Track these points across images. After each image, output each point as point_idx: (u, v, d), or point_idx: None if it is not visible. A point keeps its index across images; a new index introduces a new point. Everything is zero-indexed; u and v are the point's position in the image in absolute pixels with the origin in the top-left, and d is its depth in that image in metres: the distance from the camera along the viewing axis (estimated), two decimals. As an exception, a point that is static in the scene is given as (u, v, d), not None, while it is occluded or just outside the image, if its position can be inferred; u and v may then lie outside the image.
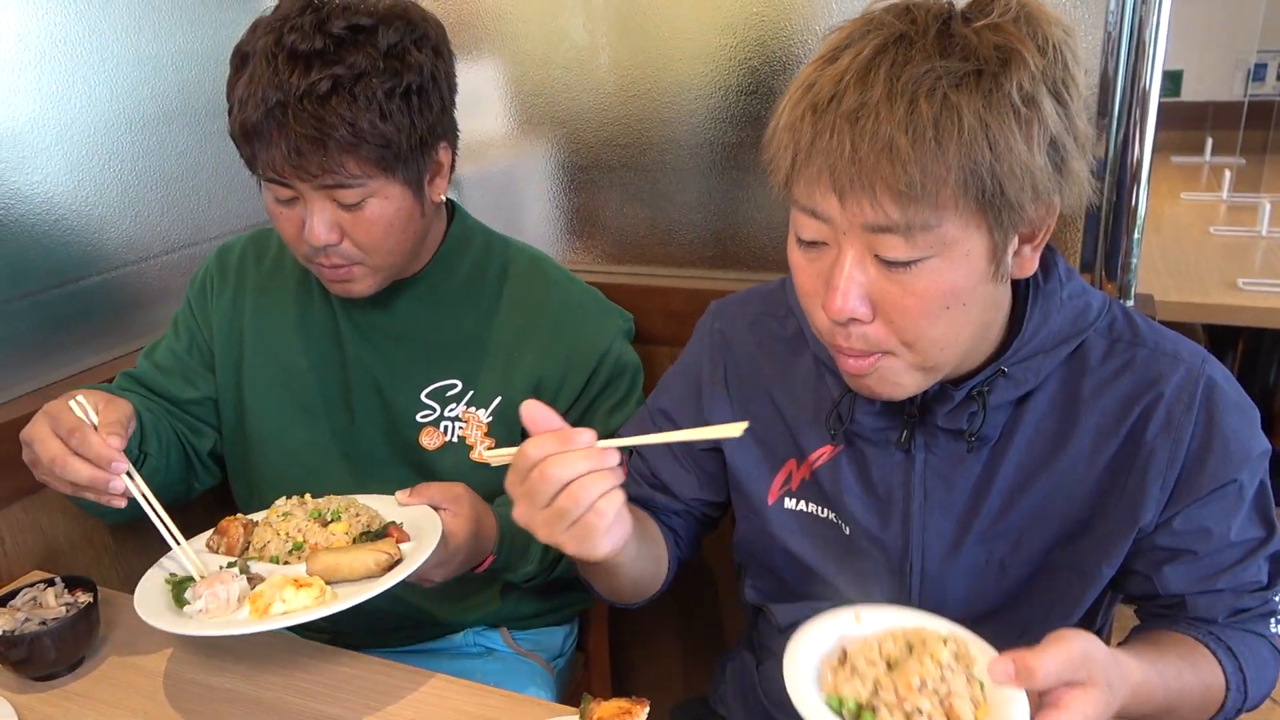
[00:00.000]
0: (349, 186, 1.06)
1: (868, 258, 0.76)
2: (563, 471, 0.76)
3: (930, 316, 0.77)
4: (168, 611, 0.98)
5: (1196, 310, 2.22)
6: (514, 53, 1.65)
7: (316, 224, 1.07)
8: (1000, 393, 0.87)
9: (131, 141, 1.43)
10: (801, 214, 0.79)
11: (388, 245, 1.12)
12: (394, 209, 1.10)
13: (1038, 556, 0.91)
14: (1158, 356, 0.87)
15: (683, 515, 1.12)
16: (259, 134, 1.02)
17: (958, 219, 0.73)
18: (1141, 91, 1.26)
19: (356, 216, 1.08)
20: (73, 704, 1.01)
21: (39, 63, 1.31)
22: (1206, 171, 3.50)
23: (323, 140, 1.01)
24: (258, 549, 1.09)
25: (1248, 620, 0.91)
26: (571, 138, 1.65)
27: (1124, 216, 1.32)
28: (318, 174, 1.03)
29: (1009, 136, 0.70)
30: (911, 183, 0.70)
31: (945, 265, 0.75)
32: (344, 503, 1.11)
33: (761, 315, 1.04)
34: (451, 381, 1.23)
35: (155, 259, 1.49)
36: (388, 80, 1.03)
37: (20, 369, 1.32)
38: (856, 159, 0.70)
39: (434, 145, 1.12)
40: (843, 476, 0.96)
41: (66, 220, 1.36)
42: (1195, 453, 0.85)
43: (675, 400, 1.09)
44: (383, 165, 1.06)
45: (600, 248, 1.69)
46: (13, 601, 1.06)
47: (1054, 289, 0.87)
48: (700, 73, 1.51)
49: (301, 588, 0.96)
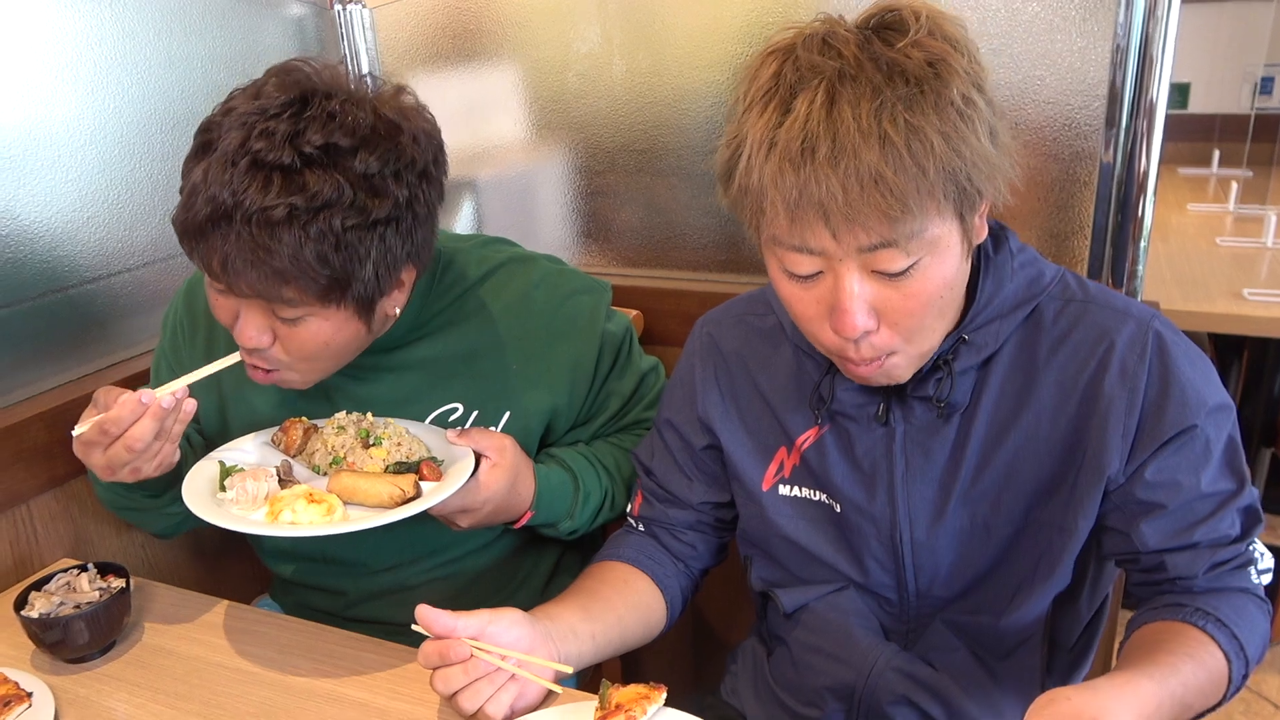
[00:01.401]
0: (284, 304, 0.97)
1: (865, 276, 0.81)
2: (445, 689, 0.90)
3: (930, 311, 0.84)
4: (204, 491, 1.06)
5: (1202, 320, 2.24)
6: (532, 60, 1.68)
7: (247, 327, 1.00)
8: (964, 359, 0.92)
9: (161, 142, 1.47)
10: (789, 252, 0.82)
11: (321, 362, 1.05)
12: (332, 329, 1.01)
13: (1018, 516, 0.95)
14: (1107, 312, 0.92)
15: (696, 527, 1.15)
16: (199, 235, 0.93)
17: (939, 219, 0.79)
18: (1148, 103, 1.29)
19: (292, 330, 1.00)
20: (105, 685, 1.04)
21: (74, 64, 1.35)
22: (1214, 183, 3.53)
23: (261, 265, 0.92)
24: (308, 455, 1.15)
25: (1225, 573, 0.92)
26: (586, 143, 1.68)
27: (1130, 226, 1.34)
28: (249, 293, 0.96)
29: (966, 138, 0.77)
30: (904, 206, 0.75)
31: (935, 262, 0.81)
32: (391, 429, 1.14)
33: (744, 314, 1.11)
34: (453, 406, 1.19)
35: (179, 257, 1.52)
36: (352, 216, 0.93)
37: (56, 362, 1.36)
38: (849, 200, 0.75)
39: (396, 271, 1.02)
40: (829, 455, 1.00)
41: (98, 218, 1.40)
42: (1153, 400, 0.89)
43: (676, 408, 1.13)
44: (325, 297, 0.97)
45: (615, 250, 1.72)
46: (47, 586, 1.10)
47: (1004, 259, 0.93)
48: (714, 80, 1.55)
49: (314, 503, 1.02)
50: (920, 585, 1.00)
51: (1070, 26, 1.30)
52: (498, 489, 1.08)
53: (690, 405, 1.11)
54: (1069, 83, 1.32)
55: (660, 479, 1.14)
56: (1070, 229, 1.38)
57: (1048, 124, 1.34)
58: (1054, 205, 1.37)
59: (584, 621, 1.00)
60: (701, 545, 1.16)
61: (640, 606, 1.09)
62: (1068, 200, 1.37)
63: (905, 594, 1.02)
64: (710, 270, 1.64)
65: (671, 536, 1.15)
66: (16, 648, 1.10)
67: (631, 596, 1.08)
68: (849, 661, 1.04)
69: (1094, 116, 1.31)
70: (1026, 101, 1.34)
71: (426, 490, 1.06)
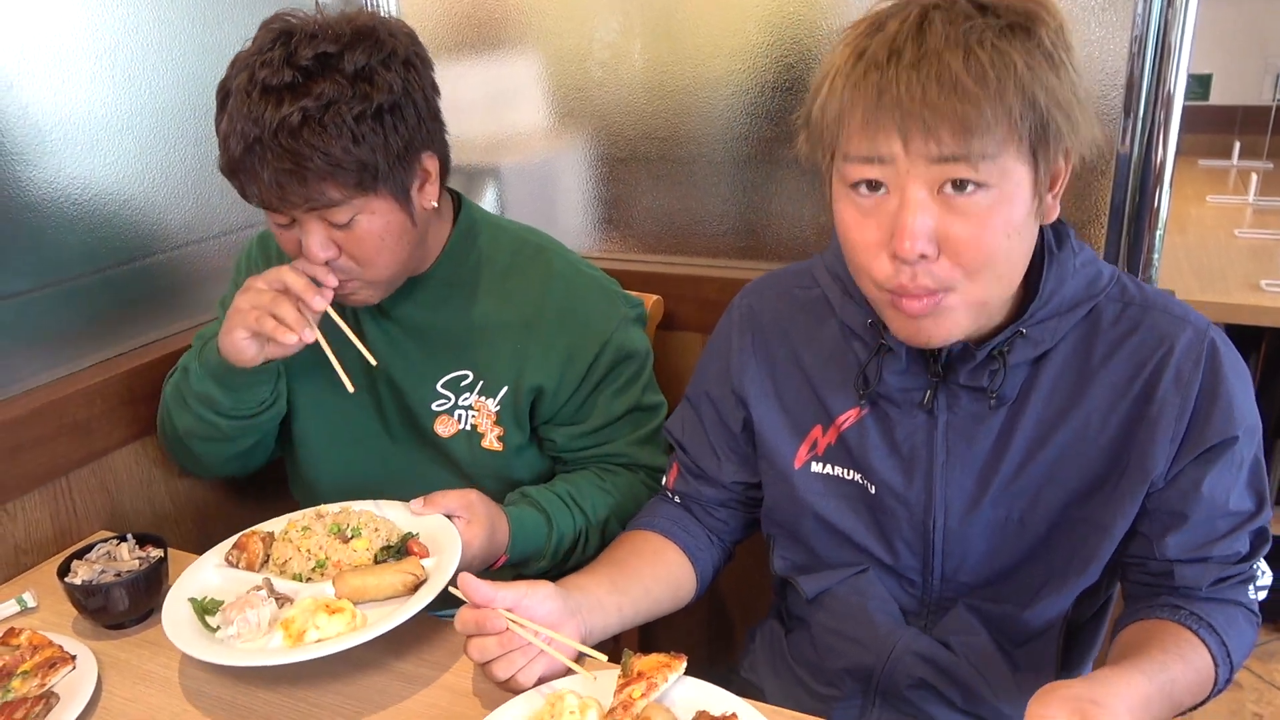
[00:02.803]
0: (336, 206, 1.09)
1: (931, 197, 0.82)
2: (479, 657, 0.93)
3: (993, 245, 0.83)
4: (200, 637, 1.00)
5: (1220, 310, 2.24)
6: (554, 49, 1.70)
7: (312, 244, 1.11)
8: (1019, 352, 0.93)
9: (195, 127, 1.50)
10: (858, 164, 0.83)
11: (382, 259, 1.15)
12: (383, 223, 1.12)
13: (1055, 512, 0.96)
14: (1167, 318, 0.93)
15: (728, 504, 1.17)
16: (243, 169, 1.06)
17: (1013, 152, 0.80)
18: (1166, 94, 1.30)
19: (349, 234, 1.11)
20: (144, 650, 1.08)
21: (112, 51, 1.38)
22: (1234, 175, 3.51)
23: (299, 172, 1.04)
24: (279, 565, 1.11)
25: (1226, 589, 0.95)
26: (608, 131, 1.70)
27: (1146, 215, 1.36)
28: (300, 203, 1.07)
29: (1049, 78, 0.79)
30: (980, 116, 0.77)
31: (1002, 196, 0.82)
32: (362, 518, 1.14)
33: (788, 287, 1.11)
34: (464, 372, 1.28)
35: (214, 239, 1.57)
36: (356, 105, 1.05)
37: (91, 341, 1.40)
38: (927, 101, 0.77)
39: (415, 157, 1.14)
40: (869, 437, 1.01)
41: (134, 201, 1.44)
42: (1201, 407, 0.91)
43: (711, 381, 1.14)
44: (363, 186, 1.08)
45: (635, 237, 1.75)
46: (88, 555, 1.14)
47: (1067, 256, 0.94)
48: (735, 69, 1.56)
49: (334, 613, 0.99)
50: (947, 571, 1.02)
51: (1089, 16, 1.31)
52: (480, 543, 1.12)
53: (725, 378, 1.12)
54: (1087, 72, 1.32)
55: (693, 455, 1.16)
56: (1087, 217, 1.39)
57: (1065, 113, 1.35)
58: (1071, 193, 1.38)
59: (611, 594, 1.03)
60: (734, 521, 1.18)
61: (669, 578, 1.11)
62: (1085, 189, 1.38)
63: (930, 578, 1.03)
64: (730, 256, 1.67)
65: (704, 511, 1.17)
66: (59, 614, 1.15)
67: (660, 568, 1.11)
68: (868, 644, 1.06)
69: (1112, 106, 1.33)
70: (1045, 91, 1.35)
71: (429, 567, 1.07)
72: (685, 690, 0.91)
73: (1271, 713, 2.25)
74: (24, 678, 1.00)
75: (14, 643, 1.04)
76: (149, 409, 1.40)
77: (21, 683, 0.99)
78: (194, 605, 1.05)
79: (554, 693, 0.91)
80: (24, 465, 1.22)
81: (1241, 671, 2.35)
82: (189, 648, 0.97)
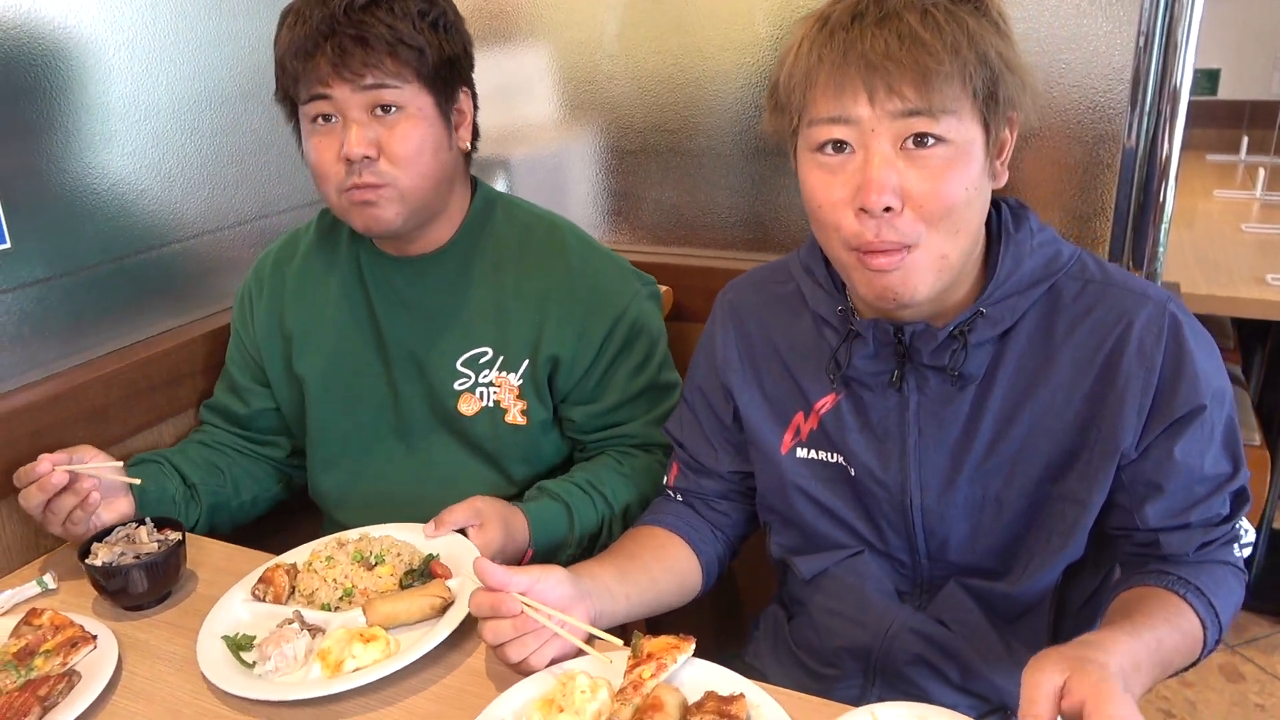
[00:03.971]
0: (387, 87, 1.15)
1: (894, 152, 0.87)
2: (494, 639, 0.95)
3: (953, 196, 0.88)
4: (240, 675, 1.00)
5: (1225, 304, 2.24)
6: (565, 40, 1.72)
7: (355, 134, 1.15)
8: (980, 331, 0.96)
9: (211, 119, 1.52)
10: (823, 125, 0.89)
11: (416, 167, 1.18)
12: (425, 129, 1.18)
13: (1030, 489, 0.99)
14: (1126, 294, 0.96)
15: (728, 495, 1.20)
16: (306, 50, 1.13)
17: (967, 108, 0.87)
18: (1172, 89, 1.31)
19: (391, 130, 1.16)
20: (163, 631, 1.10)
21: (130, 44, 1.40)
22: (1241, 170, 3.51)
23: (365, 39, 1.12)
24: (306, 595, 1.11)
25: (1212, 551, 0.98)
26: (618, 123, 1.72)
27: (1151, 210, 1.37)
28: (361, 72, 1.13)
29: (999, 44, 0.88)
30: (939, 66, 0.84)
31: (959, 152, 0.88)
32: (384, 543, 1.15)
33: (765, 282, 1.15)
34: (483, 349, 1.30)
35: (228, 229, 1.59)
36: (420, 3, 1.17)
37: (110, 328, 1.42)
38: (889, 55, 0.84)
39: (457, 83, 1.23)
40: (845, 421, 1.04)
41: (151, 191, 1.46)
42: (1167, 379, 0.93)
43: (701, 376, 1.18)
44: (417, 72, 1.16)
45: (644, 228, 1.76)
46: (108, 538, 1.16)
47: (1024, 237, 0.98)
48: (744, 62, 1.58)
49: (368, 642, 1.00)
50: (932, 550, 1.04)
51: (1096, 10, 1.32)
52: (498, 545, 1.15)
53: (713, 372, 1.15)
54: (1094, 66, 1.34)
55: (690, 450, 1.19)
56: (1092, 211, 1.41)
57: (1072, 107, 1.36)
58: (1076, 187, 1.40)
59: (619, 583, 1.05)
60: (735, 514, 1.20)
61: (675, 571, 1.13)
62: (1090, 182, 1.39)
63: (918, 558, 1.06)
64: (738, 249, 1.68)
65: (706, 506, 1.20)
66: (79, 596, 1.17)
67: (667, 561, 1.13)
68: (865, 624, 1.08)
69: (1118, 100, 1.34)
70: (1051, 84, 1.36)
71: (454, 588, 1.09)
72: (694, 671, 0.93)
73: (1274, 704, 2.26)
74: (46, 657, 1.02)
75: (36, 623, 1.07)
76: (165, 396, 1.42)
77: (44, 661, 1.02)
78: (227, 642, 1.04)
79: (565, 673, 0.93)
80: (43, 449, 1.23)
81: (1244, 664, 2.37)
82: (231, 686, 0.97)
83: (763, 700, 0.90)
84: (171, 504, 1.28)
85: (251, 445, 1.43)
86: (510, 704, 0.92)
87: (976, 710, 1.05)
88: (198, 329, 1.49)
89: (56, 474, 1.12)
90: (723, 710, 0.86)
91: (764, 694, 0.90)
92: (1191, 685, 2.32)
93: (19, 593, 1.17)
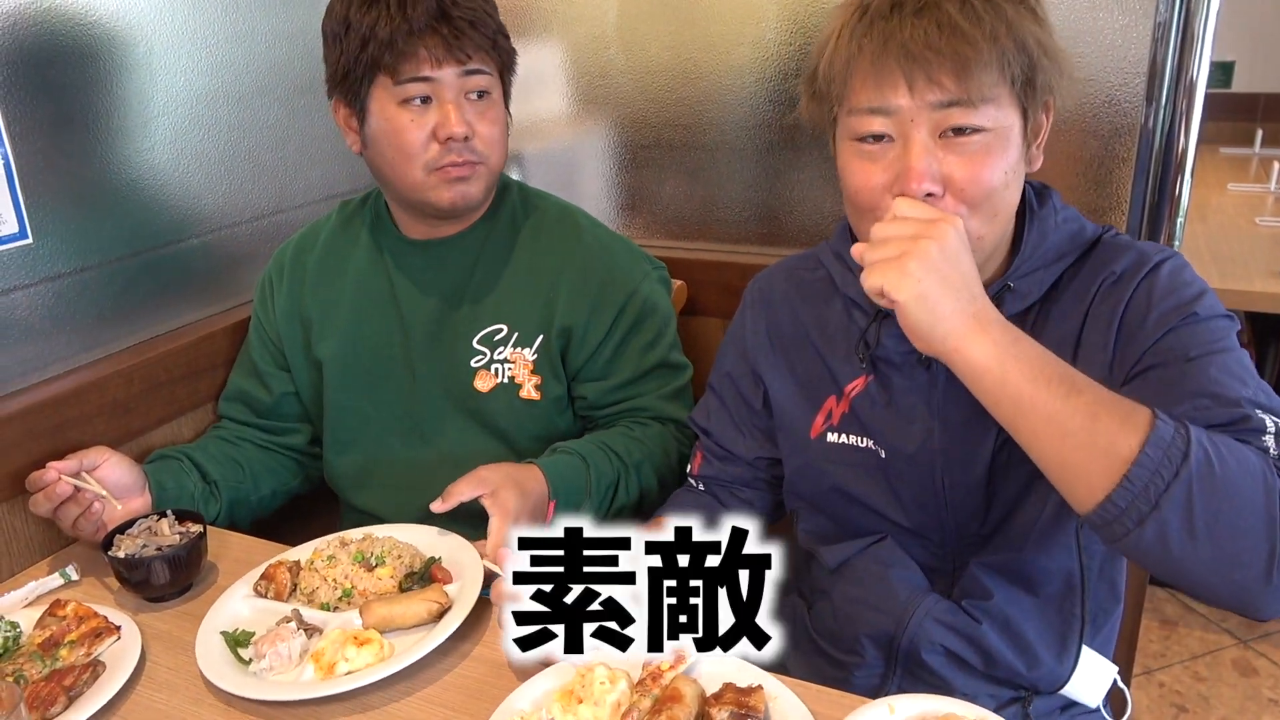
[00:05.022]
0: (484, 73, 1.23)
1: (934, 141, 0.88)
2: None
3: (992, 181, 0.89)
4: (234, 671, 1.01)
5: (1240, 298, 2.24)
6: (576, 36, 1.72)
7: (455, 115, 1.21)
8: (1008, 305, 0.97)
9: (227, 114, 1.53)
10: (863, 116, 0.90)
11: (502, 148, 1.29)
12: (501, 111, 1.28)
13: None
14: (1131, 253, 0.97)
15: (752, 484, 1.21)
16: (412, 34, 1.17)
17: (1005, 95, 0.88)
18: (1188, 81, 1.30)
19: (482, 113, 1.24)
20: (184, 622, 1.11)
21: (147, 40, 1.41)
22: (1256, 163, 3.49)
23: (476, 24, 1.20)
24: (306, 594, 1.12)
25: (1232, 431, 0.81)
26: (630, 118, 1.72)
27: (1167, 203, 1.37)
28: (471, 54, 1.20)
29: (1036, 30, 0.88)
30: (978, 55, 0.85)
31: (997, 139, 0.89)
32: (386, 544, 1.15)
33: (794, 269, 1.16)
34: (498, 326, 1.33)
35: (245, 224, 1.60)
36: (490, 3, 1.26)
37: (128, 321, 1.43)
38: (929, 44, 0.85)
39: (511, 75, 1.31)
40: (875, 403, 1.05)
41: (169, 186, 1.47)
42: (1138, 303, 0.92)
43: (731, 362, 1.18)
44: (499, 64, 1.26)
45: (657, 223, 1.77)
46: (130, 530, 1.17)
47: (1048, 214, 1.00)
48: (757, 56, 1.58)
49: (362, 645, 1.00)
50: (959, 523, 1.04)
51: (1112, 3, 1.32)
52: (516, 503, 1.12)
53: (743, 358, 1.16)
54: (1110, 59, 1.34)
55: (717, 437, 1.20)
56: (1108, 205, 1.40)
57: (1088, 100, 1.36)
58: (1092, 181, 1.40)
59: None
60: (759, 502, 1.21)
61: None
62: (1106, 176, 1.39)
63: (945, 534, 1.06)
64: (752, 243, 1.69)
65: (730, 494, 1.20)
66: (101, 588, 1.19)
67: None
68: (889, 611, 1.08)
69: (1134, 94, 1.34)
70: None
71: (452, 593, 1.08)
72: (712, 664, 0.94)
73: (1287, 699, 2.26)
74: (71, 647, 1.04)
75: (61, 614, 1.08)
76: (185, 389, 1.43)
77: (69, 652, 1.03)
78: (225, 638, 1.05)
79: (585, 664, 0.93)
80: (66, 442, 1.25)
81: (1258, 658, 2.36)
82: (224, 683, 0.98)
83: (780, 692, 0.90)
84: (191, 502, 1.29)
85: (272, 437, 1.44)
86: (529, 695, 0.93)
87: (996, 699, 1.06)
88: (217, 323, 1.51)
89: (61, 485, 1.15)
90: (741, 701, 0.87)
91: (782, 685, 0.90)
92: (1204, 680, 2.32)
93: (43, 584, 1.18)
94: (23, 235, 1.27)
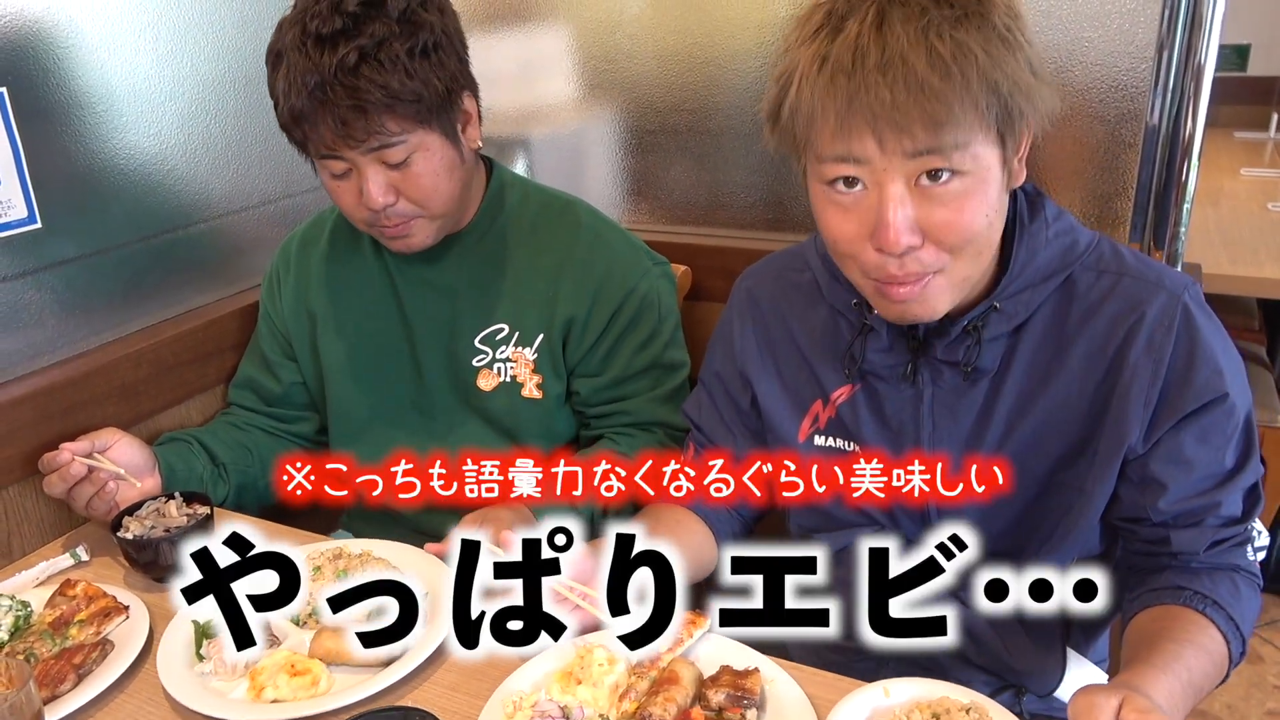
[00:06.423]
0: (393, 145, 1.15)
1: (909, 190, 0.84)
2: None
3: (974, 226, 0.86)
4: (179, 665, 1.00)
5: (1251, 285, 2.22)
6: (584, 20, 1.71)
7: (372, 189, 1.16)
8: (994, 326, 0.95)
9: (234, 99, 1.54)
10: (835, 163, 0.85)
11: (439, 195, 1.21)
12: (437, 160, 1.19)
13: (1041, 478, 0.99)
14: (1141, 283, 0.94)
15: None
16: (305, 117, 1.12)
17: (981, 138, 0.83)
18: (1197, 65, 1.29)
19: (406, 174, 1.17)
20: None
21: (154, 25, 1.42)
22: (1270, 148, 3.45)
23: (362, 107, 1.10)
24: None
25: (1224, 551, 0.95)
26: (637, 103, 1.71)
27: (1174, 189, 1.35)
28: (364, 139, 1.13)
29: (1009, 62, 0.81)
30: (949, 111, 0.79)
31: (976, 181, 0.84)
32: (370, 570, 1.08)
33: (783, 270, 1.14)
34: (500, 326, 1.33)
35: (253, 209, 1.61)
36: (405, 41, 1.12)
37: (137, 305, 1.45)
38: (897, 104, 0.79)
39: (459, 96, 1.21)
40: (860, 412, 1.04)
41: (177, 171, 1.48)
42: (1178, 372, 0.92)
43: (719, 362, 1.18)
44: (419, 119, 1.15)
45: (663, 208, 1.77)
46: (139, 512, 1.19)
47: (1039, 228, 0.95)
48: (764, 40, 1.57)
49: (296, 675, 0.95)
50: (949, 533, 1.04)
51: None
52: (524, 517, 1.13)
53: (730, 360, 1.16)
54: (1117, 43, 1.32)
55: (707, 433, 1.20)
56: (1114, 190, 1.39)
57: (1095, 85, 1.35)
58: (1098, 166, 1.39)
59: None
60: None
61: (693, 546, 1.14)
62: (1112, 162, 1.38)
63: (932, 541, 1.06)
64: (757, 229, 1.68)
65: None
66: (110, 568, 1.21)
67: (684, 536, 1.14)
68: None
69: (1141, 78, 1.32)
70: (1074, 62, 1.35)
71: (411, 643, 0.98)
72: (709, 647, 0.95)
73: (1292, 686, 2.26)
74: (80, 626, 1.05)
75: (70, 593, 1.10)
76: (193, 373, 1.45)
77: (79, 630, 1.05)
78: (196, 628, 1.03)
79: (584, 645, 0.95)
80: (76, 425, 1.27)
81: (1263, 645, 2.36)
82: (165, 677, 0.97)
83: (777, 674, 0.91)
84: (199, 484, 1.31)
85: (281, 425, 1.46)
86: (529, 676, 0.94)
87: (990, 686, 1.06)
88: (225, 306, 1.52)
89: (75, 465, 1.16)
90: (737, 684, 0.88)
91: (779, 668, 0.91)
92: (1210, 666, 2.32)
93: (53, 564, 1.20)
94: (31, 220, 1.28)
